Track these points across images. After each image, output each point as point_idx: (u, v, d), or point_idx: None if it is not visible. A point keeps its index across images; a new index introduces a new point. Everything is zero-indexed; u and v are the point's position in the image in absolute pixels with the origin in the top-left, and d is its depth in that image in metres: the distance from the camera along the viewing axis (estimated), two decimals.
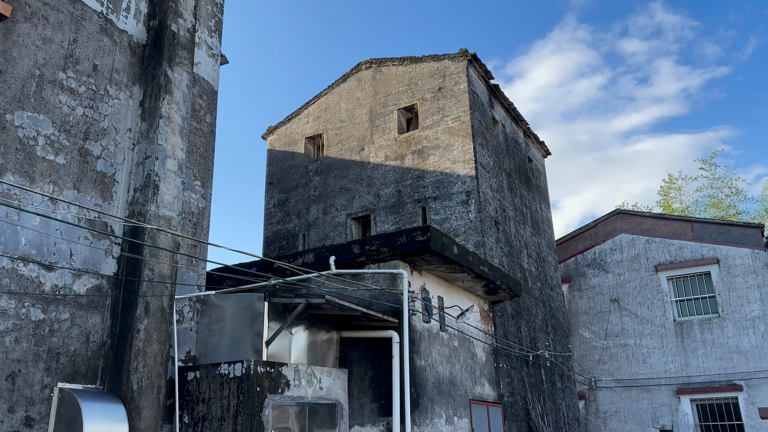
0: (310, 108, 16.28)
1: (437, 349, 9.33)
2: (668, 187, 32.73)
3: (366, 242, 8.80)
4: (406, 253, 8.55)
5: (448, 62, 14.37)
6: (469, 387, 10.18)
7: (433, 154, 13.80)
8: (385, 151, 14.55)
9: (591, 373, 18.15)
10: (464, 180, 13.17)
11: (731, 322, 16.75)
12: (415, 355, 8.64)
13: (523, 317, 13.69)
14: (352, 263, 8.89)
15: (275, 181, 16.12)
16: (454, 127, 13.71)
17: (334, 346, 8.60)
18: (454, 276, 9.92)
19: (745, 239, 17.14)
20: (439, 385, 9.14)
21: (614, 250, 18.90)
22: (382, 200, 14.13)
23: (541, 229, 16.75)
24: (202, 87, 8.64)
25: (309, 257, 9.22)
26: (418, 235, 8.44)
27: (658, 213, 18.65)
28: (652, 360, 17.47)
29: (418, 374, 8.59)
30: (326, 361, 8.41)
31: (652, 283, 18.05)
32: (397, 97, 14.89)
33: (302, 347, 7.99)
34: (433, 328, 9.32)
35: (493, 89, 15.24)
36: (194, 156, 8.22)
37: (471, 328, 10.70)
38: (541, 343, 14.49)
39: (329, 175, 15.24)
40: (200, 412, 6.97)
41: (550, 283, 16.35)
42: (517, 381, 12.42)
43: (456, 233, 12.82)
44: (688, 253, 17.78)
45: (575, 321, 18.87)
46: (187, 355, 7.53)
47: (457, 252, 9.15)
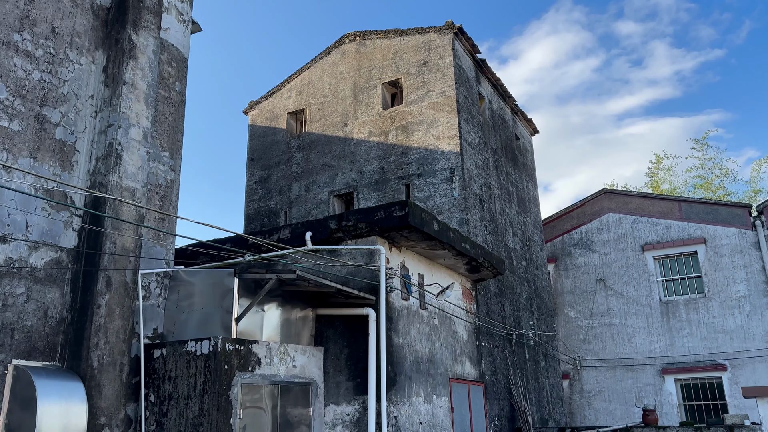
0: (292, 82, 15.88)
1: (416, 327, 9.11)
2: (656, 167, 32.60)
3: (343, 217, 8.53)
4: (385, 229, 8.29)
5: (433, 35, 13.99)
6: (450, 365, 10.00)
7: (418, 130, 13.48)
8: (369, 126, 14.21)
9: (576, 352, 18.09)
10: (449, 156, 12.88)
11: (717, 302, 16.68)
12: (393, 333, 8.42)
13: (506, 296, 13.52)
14: (329, 239, 8.62)
15: (257, 158, 15.76)
16: (439, 102, 13.38)
17: (309, 324, 8.36)
18: (435, 253, 9.68)
19: (733, 219, 17.01)
20: (418, 364, 8.94)
21: (601, 230, 18.74)
22: (366, 177, 13.83)
23: (527, 207, 16.52)
24: (171, 54, 8.26)
25: (285, 233, 8.94)
26: (397, 210, 8.17)
27: (645, 192, 18.49)
28: (637, 340, 17.41)
29: (395, 352, 8.38)
30: (301, 339, 8.17)
31: (639, 263, 17.93)
32: (381, 71, 14.52)
33: (275, 325, 7.74)
34: (412, 306, 9.10)
35: (480, 64, 14.90)
36: (162, 126, 7.87)
37: (452, 306, 10.49)
38: (525, 322, 14.34)
39: (312, 151, 14.90)
40: (166, 390, 6.72)
41: (535, 262, 16.18)
42: (500, 360, 12.27)
43: (440, 211, 12.56)
44: (675, 232, 17.64)
45: (561, 300, 18.76)
46: (154, 332, 7.26)
47: (437, 228, 8.89)
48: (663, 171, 32.25)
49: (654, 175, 32.45)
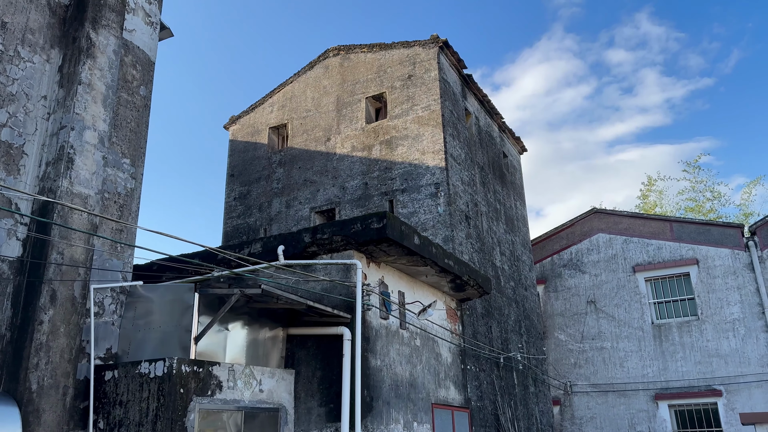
0: (275, 96, 15.47)
1: (396, 348, 8.55)
2: (648, 189, 32.37)
3: (318, 230, 8.01)
4: (361, 243, 7.78)
5: (418, 49, 13.66)
6: (432, 390, 9.41)
7: (402, 144, 13.06)
8: (352, 141, 13.78)
9: (566, 377, 17.49)
10: (433, 171, 12.44)
11: (711, 325, 16.20)
12: (370, 354, 7.85)
13: (494, 317, 12.97)
14: (303, 253, 8.09)
15: (237, 173, 15.26)
16: (423, 117, 12.99)
17: (279, 345, 7.78)
18: (417, 270, 9.17)
19: (725, 239, 16.63)
20: (397, 388, 8.36)
21: (591, 250, 18.30)
22: (348, 193, 13.35)
23: (515, 226, 16.08)
24: (136, 56, 7.80)
25: (256, 247, 8.40)
26: (374, 222, 7.67)
27: (635, 212, 18.10)
28: (629, 364, 16.85)
29: (372, 375, 7.80)
30: (269, 361, 7.59)
31: (630, 285, 17.47)
32: (365, 85, 14.14)
33: (241, 345, 7.17)
34: (391, 326, 8.55)
35: (466, 79, 14.57)
36: (123, 131, 7.37)
37: (435, 327, 9.94)
38: (513, 344, 13.78)
39: (293, 166, 14.42)
40: (117, 416, 6.11)
41: (524, 282, 15.67)
42: (487, 384, 11.68)
43: (424, 227, 12.08)
44: (667, 253, 17.23)
45: (551, 323, 18.22)
46: (107, 353, 6.67)
47: (418, 242, 8.39)
48: (655, 194, 32.04)
49: (645, 197, 32.22)
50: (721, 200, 30.51)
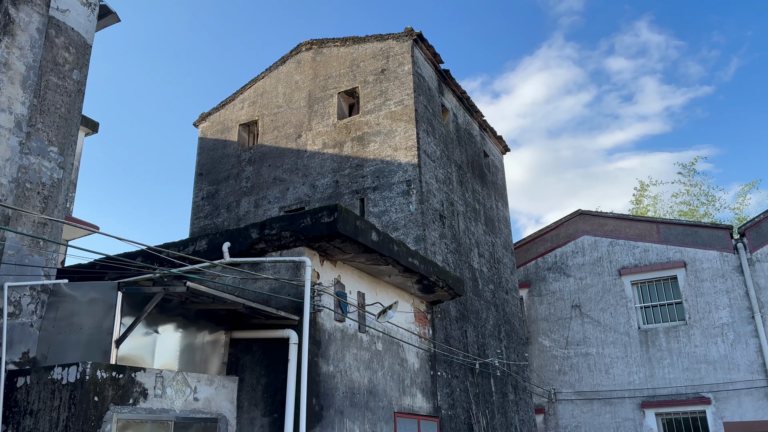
0: (245, 93, 14.91)
1: (353, 352, 7.95)
2: (640, 194, 31.90)
3: (265, 225, 7.44)
4: (312, 239, 7.20)
5: (392, 42, 13.13)
6: (396, 398, 8.81)
7: (374, 140, 12.50)
8: (324, 138, 13.22)
9: (550, 384, 16.89)
10: (406, 168, 11.88)
11: (699, 330, 15.64)
12: (321, 359, 7.26)
13: (470, 321, 12.39)
14: (251, 251, 7.51)
15: (205, 172, 14.68)
16: (396, 112, 12.44)
17: (221, 350, 7.18)
18: (379, 269, 8.59)
19: (714, 241, 16.09)
20: (354, 396, 7.76)
21: (576, 253, 17.75)
22: (318, 191, 12.78)
23: (496, 228, 15.52)
24: (69, 38, 7.23)
25: (201, 244, 7.82)
26: (324, 216, 7.09)
27: (622, 214, 17.57)
28: (615, 370, 16.27)
29: (323, 382, 7.21)
30: (208, 367, 6.99)
31: (616, 288, 16.91)
32: (337, 80, 13.59)
33: (173, 350, 6.57)
34: (348, 329, 7.96)
35: (444, 75, 14.03)
36: (50, 117, 6.79)
37: (401, 331, 9.35)
38: (491, 350, 13.18)
39: (263, 164, 13.86)
40: (27, 426, 5.51)
41: (504, 286, 15.09)
42: (460, 391, 11.08)
43: (395, 227, 11.51)
44: (654, 255, 16.68)
45: (535, 328, 17.63)
46: (23, 357, 6.07)
47: (376, 239, 7.82)
48: (649, 199, 31.58)
49: (639, 202, 31.75)
50: (715, 205, 30.05)
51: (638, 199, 31.94)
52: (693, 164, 32.29)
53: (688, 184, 30.99)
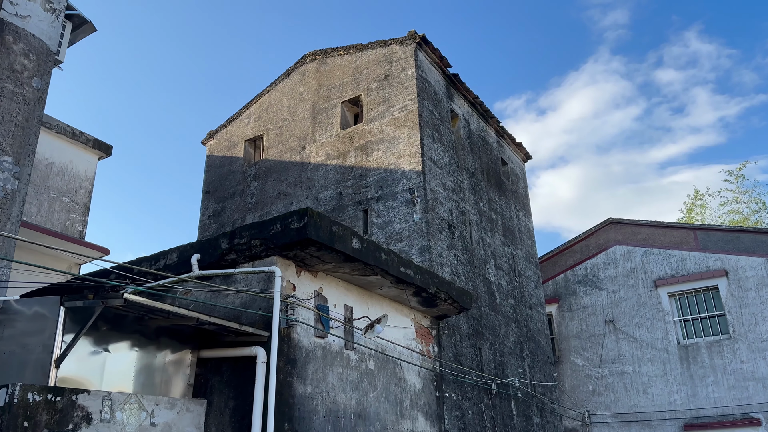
0: (251, 108, 14.60)
1: (337, 372, 7.28)
2: (692, 203, 30.39)
3: (235, 234, 6.90)
4: (282, 246, 6.61)
5: (395, 47, 12.61)
6: (392, 421, 8.06)
7: (377, 149, 11.93)
8: (327, 149, 12.72)
9: (585, 406, 15.74)
10: (410, 176, 11.24)
11: (745, 344, 14.32)
12: (296, 379, 6.61)
13: (485, 338, 11.54)
14: (221, 262, 6.98)
15: (212, 190, 14.36)
16: (400, 118, 11.86)
17: (186, 370, 6.62)
18: (367, 280, 7.92)
19: (757, 247, 14.81)
20: (337, 420, 7.06)
21: (608, 265, 16.66)
22: (322, 204, 12.24)
23: (517, 239, 14.65)
24: (29, 44, 6.93)
25: (172, 257, 7.33)
26: (294, 221, 6.51)
27: (655, 221, 16.44)
28: (653, 390, 15.03)
29: (299, 405, 6.55)
30: (171, 389, 6.42)
31: (652, 301, 15.72)
32: (341, 89, 13.13)
33: (127, 370, 6.03)
34: (331, 346, 7.30)
35: (452, 79, 13.41)
36: (6, 125, 6.45)
37: (399, 348, 8.62)
38: (512, 369, 12.26)
39: (267, 179, 13.43)
40: None
41: (528, 300, 14.16)
42: (473, 414, 10.22)
43: (400, 237, 10.85)
44: (692, 265, 15.47)
45: (566, 346, 16.55)
46: None
47: (358, 247, 7.18)
48: (698, 208, 30.04)
49: (690, 211, 30.23)
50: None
51: (689, 208, 30.42)
52: (740, 170, 30.53)
53: (737, 191, 29.32)
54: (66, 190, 14.05)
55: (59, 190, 13.94)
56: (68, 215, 14.11)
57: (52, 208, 13.88)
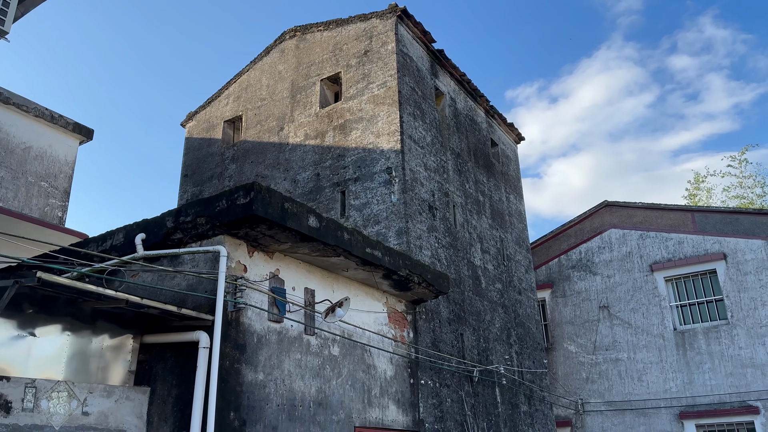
0: (230, 87, 14.14)
1: (295, 358, 6.85)
2: (695, 188, 29.72)
3: (181, 212, 6.46)
4: (230, 224, 6.17)
5: (375, 21, 12.08)
6: (358, 410, 7.64)
7: (356, 128, 11.44)
8: (305, 128, 12.25)
9: (577, 394, 15.29)
10: (388, 156, 10.76)
11: (743, 330, 13.79)
12: (246, 365, 6.19)
13: (468, 323, 11.09)
14: (167, 242, 6.55)
15: (191, 173, 13.93)
16: (379, 95, 11.35)
17: (127, 356, 6.20)
18: (331, 262, 7.48)
19: (757, 229, 14.24)
20: (293, 408, 6.64)
21: (602, 249, 16.14)
22: (299, 186, 11.79)
23: (506, 222, 14.15)
24: None
25: (118, 238, 6.91)
26: (240, 197, 6.06)
27: (651, 203, 15.87)
28: (649, 377, 14.55)
29: (248, 392, 6.13)
30: (109, 376, 6.02)
31: (647, 286, 15.21)
32: (320, 66, 12.62)
33: (57, 356, 5.62)
34: (289, 331, 6.87)
35: (437, 55, 12.87)
36: None
37: (368, 333, 8.19)
38: (497, 356, 11.82)
39: (246, 161, 12.99)
40: None
41: (517, 285, 13.68)
42: (451, 402, 9.79)
43: (377, 219, 10.39)
44: (689, 248, 14.93)
45: (559, 332, 16.08)
46: None
47: (315, 225, 6.72)
48: (702, 192, 29.39)
49: (693, 196, 29.59)
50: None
51: (692, 193, 29.77)
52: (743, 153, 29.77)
53: (740, 176, 28.63)
54: (45, 174, 13.65)
55: (37, 175, 13.53)
56: (47, 200, 13.73)
57: (30, 193, 13.49)
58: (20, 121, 13.07)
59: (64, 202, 14.23)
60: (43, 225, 12.44)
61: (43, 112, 13.32)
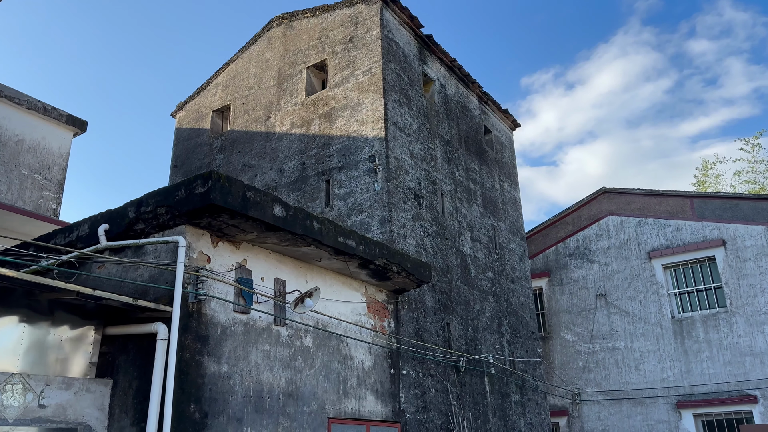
0: (219, 77, 14.02)
1: (264, 349, 6.76)
2: (703, 174, 29.23)
3: (142, 202, 6.36)
4: (190, 214, 6.06)
5: (361, 6, 11.87)
6: (333, 401, 7.54)
7: (341, 116, 11.28)
8: (292, 117, 12.11)
9: (574, 383, 15.12)
10: (372, 143, 10.60)
11: (742, 318, 13.52)
12: (209, 357, 6.10)
13: (455, 313, 10.94)
14: (129, 233, 6.46)
15: (180, 164, 13.86)
16: (364, 82, 11.17)
17: (89, 348, 6.13)
18: (302, 252, 7.35)
19: (757, 215, 13.92)
20: (261, 400, 6.55)
21: (600, 236, 15.89)
22: (285, 176, 11.67)
23: (500, 210, 13.94)
24: None
25: (84, 229, 6.83)
26: (198, 185, 5.94)
27: (649, 189, 15.57)
28: (646, 366, 14.34)
29: (211, 384, 6.05)
30: (69, 368, 5.95)
31: (645, 273, 14.96)
32: (306, 53, 12.46)
33: (17, 348, 5.55)
34: (257, 322, 6.77)
35: (426, 41, 12.64)
36: None
37: (345, 324, 8.07)
38: (487, 345, 11.67)
39: (233, 151, 12.88)
40: None
41: (510, 274, 13.50)
42: (436, 392, 9.68)
43: (361, 208, 10.25)
44: (687, 235, 14.64)
45: (556, 321, 15.89)
46: None
47: (281, 214, 6.59)
48: (711, 179, 28.91)
49: (702, 183, 29.12)
50: None
51: (701, 180, 29.30)
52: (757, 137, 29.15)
53: (752, 161, 28.07)
54: (38, 167, 13.65)
55: (31, 168, 13.53)
56: (41, 193, 13.73)
57: (23, 186, 13.50)
58: (13, 114, 13.07)
59: (58, 194, 14.22)
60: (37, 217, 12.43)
61: (36, 104, 13.30)
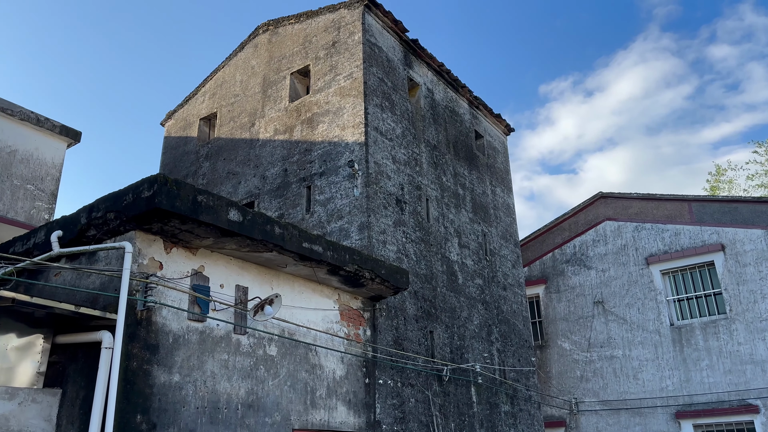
0: (207, 85, 13.97)
1: (221, 358, 6.58)
2: (716, 179, 28.69)
3: (93, 208, 6.24)
4: (140, 219, 5.92)
5: (343, 11, 11.76)
6: (298, 412, 7.33)
7: (323, 121, 11.14)
8: (275, 123, 11.99)
9: (572, 393, 14.74)
10: (352, 149, 10.43)
11: (742, 324, 13.10)
12: (158, 366, 5.93)
13: (439, 321, 10.69)
14: (82, 239, 6.34)
15: (168, 172, 13.79)
16: (345, 87, 11.03)
17: (36, 357, 6.00)
18: (266, 258, 7.18)
19: (757, 218, 13.51)
20: (216, 411, 6.37)
21: (597, 242, 15.54)
22: (268, 182, 11.54)
23: (491, 215, 13.68)
24: None
25: (40, 236, 6.73)
26: (144, 189, 5.80)
27: (647, 193, 15.21)
28: (644, 375, 13.93)
29: (159, 395, 5.87)
30: (15, 378, 5.82)
31: (643, 280, 14.58)
32: (290, 59, 12.36)
33: None
34: (214, 330, 6.59)
35: (411, 45, 12.48)
36: None
37: (315, 332, 7.87)
38: (475, 354, 11.39)
39: (218, 158, 12.79)
40: None
41: (501, 281, 13.21)
42: (416, 402, 9.42)
43: (340, 214, 10.07)
44: (686, 239, 14.25)
45: (553, 329, 15.54)
46: None
47: (237, 218, 6.43)
48: (724, 184, 28.35)
49: (714, 188, 28.57)
50: None
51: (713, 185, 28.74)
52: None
53: (765, 163, 27.47)
54: (31, 177, 13.66)
55: (23, 178, 13.55)
56: (33, 203, 13.73)
57: (15, 196, 13.50)
58: (5, 125, 13.10)
59: (51, 204, 14.21)
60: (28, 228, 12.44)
61: (29, 115, 13.33)
